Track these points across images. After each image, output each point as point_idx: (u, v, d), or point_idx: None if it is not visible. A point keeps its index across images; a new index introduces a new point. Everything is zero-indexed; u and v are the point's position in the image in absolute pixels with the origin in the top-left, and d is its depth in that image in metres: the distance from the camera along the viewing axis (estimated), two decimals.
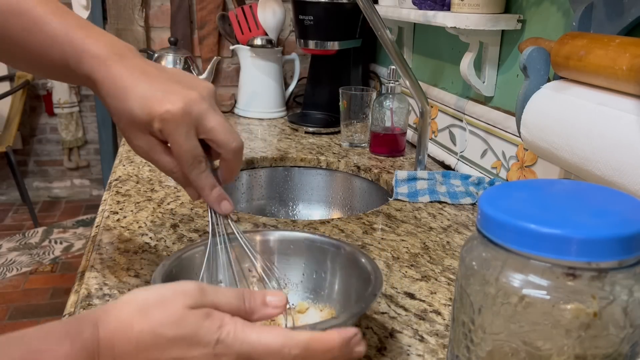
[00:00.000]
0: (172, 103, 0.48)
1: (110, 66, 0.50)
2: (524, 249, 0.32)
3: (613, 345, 0.32)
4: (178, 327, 0.35)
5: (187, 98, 0.48)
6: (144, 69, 0.51)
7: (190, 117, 0.48)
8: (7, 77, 3.28)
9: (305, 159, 1.12)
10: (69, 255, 2.75)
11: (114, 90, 0.50)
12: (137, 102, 0.49)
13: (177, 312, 0.35)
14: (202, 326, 0.35)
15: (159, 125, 0.48)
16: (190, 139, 0.49)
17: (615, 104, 0.55)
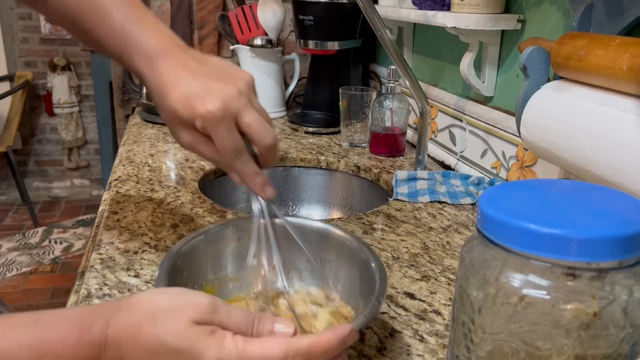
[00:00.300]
0: (212, 102, 0.50)
1: (155, 63, 0.53)
2: (524, 249, 0.32)
3: (613, 345, 0.32)
4: (180, 339, 0.36)
5: (226, 95, 0.51)
6: (186, 64, 0.53)
7: (230, 115, 0.51)
8: (7, 77, 3.29)
9: (305, 159, 1.12)
10: (69, 255, 2.75)
11: (158, 87, 0.53)
12: (179, 101, 0.51)
13: (183, 324, 0.36)
14: (204, 342, 0.36)
15: (201, 123, 0.51)
16: (232, 134, 0.51)
17: (615, 104, 0.55)
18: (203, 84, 0.51)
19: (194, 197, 0.87)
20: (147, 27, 0.55)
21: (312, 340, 0.37)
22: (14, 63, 3.32)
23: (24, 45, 3.32)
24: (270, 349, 0.36)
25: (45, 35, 3.29)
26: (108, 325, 0.37)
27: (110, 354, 0.36)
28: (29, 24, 3.29)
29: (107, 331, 0.36)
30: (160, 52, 0.53)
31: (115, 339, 0.36)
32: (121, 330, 0.37)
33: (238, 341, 0.36)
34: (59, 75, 3.29)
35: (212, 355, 0.36)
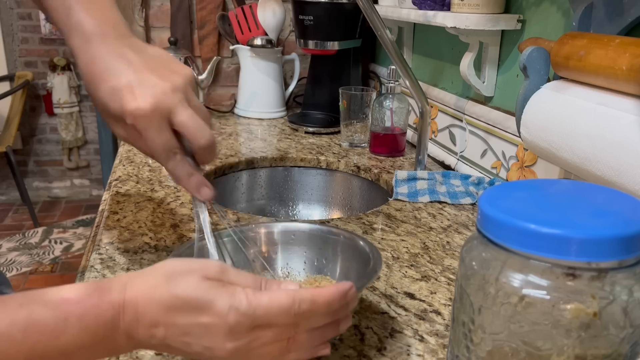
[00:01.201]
0: (142, 98, 0.47)
1: (89, 47, 0.50)
2: (524, 249, 0.32)
3: (613, 345, 0.32)
4: (193, 290, 0.38)
5: (159, 91, 0.48)
6: (122, 53, 0.50)
7: (160, 113, 0.48)
8: (7, 77, 3.29)
9: (305, 159, 1.12)
10: (69, 255, 2.75)
11: (89, 73, 0.50)
12: (109, 93, 0.48)
13: (195, 279, 0.39)
14: (216, 292, 0.38)
15: (130, 120, 0.48)
16: (162, 133, 0.49)
17: (615, 104, 0.55)
18: (135, 77, 0.48)
19: None
20: (91, 6, 0.51)
21: (315, 291, 0.39)
22: (14, 63, 3.33)
23: (24, 45, 3.32)
24: (278, 298, 0.38)
25: (45, 35, 3.29)
26: (125, 289, 0.39)
27: (128, 316, 0.38)
28: (29, 24, 3.29)
29: (124, 294, 0.38)
30: (96, 35, 0.50)
31: (132, 301, 0.38)
32: (137, 292, 0.38)
33: (248, 291, 0.38)
34: (59, 75, 3.29)
35: (224, 303, 0.38)
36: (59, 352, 0.37)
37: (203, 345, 0.38)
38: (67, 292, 0.38)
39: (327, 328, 0.41)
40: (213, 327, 0.38)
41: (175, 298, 0.38)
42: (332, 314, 0.41)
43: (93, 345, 0.38)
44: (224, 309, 0.38)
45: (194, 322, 0.38)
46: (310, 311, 0.39)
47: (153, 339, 0.39)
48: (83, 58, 0.50)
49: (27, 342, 0.36)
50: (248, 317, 0.38)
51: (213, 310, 0.38)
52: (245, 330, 0.38)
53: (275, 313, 0.38)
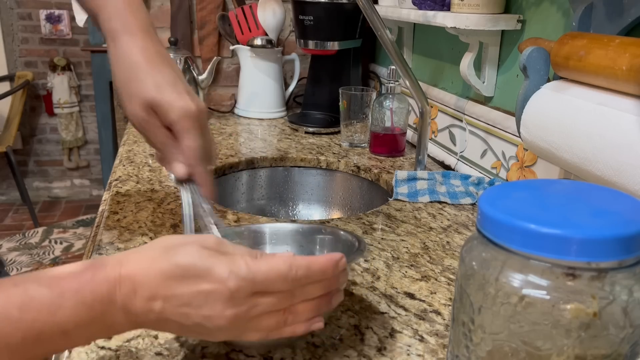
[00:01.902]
0: (191, 102, 0.55)
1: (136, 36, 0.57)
2: (524, 249, 0.32)
3: (613, 345, 0.32)
4: (193, 258, 0.39)
5: (202, 105, 0.56)
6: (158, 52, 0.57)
7: (199, 120, 0.56)
8: (7, 77, 3.29)
9: (305, 159, 1.12)
10: (69, 255, 2.75)
11: (134, 60, 0.56)
12: (158, 86, 0.55)
13: (194, 249, 0.39)
14: (215, 259, 0.39)
15: (175, 116, 0.55)
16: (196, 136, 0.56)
17: (615, 104, 0.55)
18: (182, 83, 0.56)
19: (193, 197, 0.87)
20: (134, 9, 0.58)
21: (310, 258, 0.41)
22: (14, 63, 3.32)
23: (24, 45, 3.32)
24: (276, 264, 0.39)
25: (45, 35, 3.29)
26: (121, 264, 0.39)
27: (124, 289, 0.38)
28: (29, 24, 3.29)
29: (120, 269, 0.39)
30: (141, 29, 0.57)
31: (128, 274, 0.38)
32: (134, 266, 0.39)
33: (247, 258, 0.39)
34: (59, 75, 3.29)
35: (224, 269, 0.38)
36: (57, 329, 0.37)
37: (202, 314, 0.38)
38: (61, 270, 0.39)
39: (321, 301, 0.42)
40: (213, 293, 0.38)
41: (175, 266, 0.38)
42: (326, 284, 0.42)
43: (90, 321, 0.38)
44: (224, 275, 0.38)
45: (194, 290, 0.38)
46: (306, 277, 0.40)
47: (151, 314, 0.39)
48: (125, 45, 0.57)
49: (23, 319, 0.36)
50: (248, 281, 0.38)
51: (213, 277, 0.38)
52: (245, 296, 0.38)
53: (274, 278, 0.39)
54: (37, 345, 0.36)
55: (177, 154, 0.57)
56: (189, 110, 0.55)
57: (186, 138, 0.56)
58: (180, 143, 0.56)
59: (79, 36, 3.33)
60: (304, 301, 0.41)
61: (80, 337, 0.38)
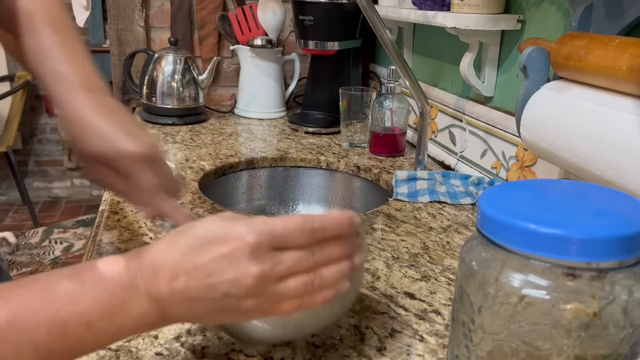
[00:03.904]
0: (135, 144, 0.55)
1: (74, 95, 0.56)
2: (524, 249, 0.32)
3: (613, 345, 0.32)
4: (211, 225, 0.39)
5: (148, 142, 0.56)
6: (107, 106, 0.56)
7: (149, 159, 0.56)
8: (7, 77, 3.28)
9: (305, 159, 1.12)
10: (69, 255, 2.75)
11: (76, 120, 0.55)
12: (98, 138, 0.54)
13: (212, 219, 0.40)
14: (232, 222, 0.39)
15: (124, 161, 0.55)
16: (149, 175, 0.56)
17: (615, 104, 0.55)
18: (126, 127, 0.55)
19: (194, 197, 0.87)
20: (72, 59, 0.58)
21: (324, 214, 0.42)
22: (15, 63, 3.32)
23: None
24: (291, 218, 0.40)
25: None
26: (139, 254, 0.39)
27: (145, 273, 0.38)
28: None
29: (139, 258, 0.39)
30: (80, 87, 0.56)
31: (148, 260, 0.39)
32: (152, 251, 0.39)
33: (262, 218, 0.40)
34: None
35: (241, 228, 0.38)
36: (80, 320, 0.36)
37: (227, 279, 0.38)
38: (81, 264, 0.39)
39: (343, 261, 0.42)
40: (234, 251, 0.38)
41: (193, 238, 0.39)
42: (343, 243, 0.42)
43: (114, 310, 0.37)
44: (242, 232, 0.38)
45: (214, 255, 0.38)
46: (322, 229, 0.40)
47: (175, 295, 0.38)
48: (67, 105, 0.56)
49: (47, 311, 0.35)
50: (266, 234, 0.38)
51: (232, 236, 0.38)
52: (267, 250, 0.38)
53: (291, 230, 0.39)
54: (62, 340, 0.36)
55: (141, 196, 0.58)
56: (134, 153, 0.55)
57: (141, 179, 0.56)
58: (137, 187, 0.57)
59: None
60: (327, 264, 0.41)
61: (106, 330, 0.37)
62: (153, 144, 0.57)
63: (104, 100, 0.57)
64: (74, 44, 0.59)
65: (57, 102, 0.57)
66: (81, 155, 0.57)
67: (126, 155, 0.54)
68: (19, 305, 0.35)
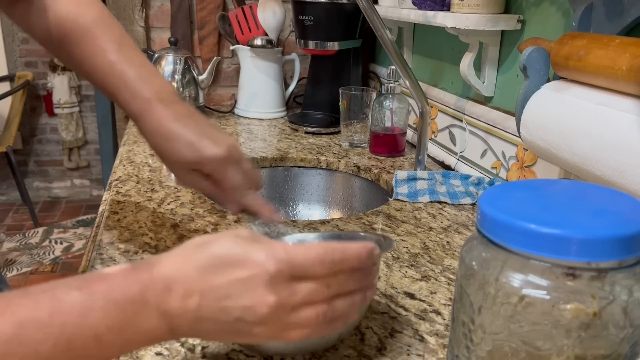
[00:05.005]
0: (219, 147, 0.58)
1: (154, 110, 0.59)
2: (524, 249, 0.32)
3: (613, 345, 0.32)
4: (230, 247, 0.39)
5: (228, 143, 0.60)
6: (189, 115, 0.60)
7: (233, 158, 0.59)
8: (7, 77, 3.29)
9: (305, 159, 1.12)
10: (69, 255, 2.75)
11: (160, 133, 0.59)
12: (185, 147, 0.58)
13: (230, 239, 0.39)
14: (252, 246, 0.39)
15: (208, 164, 0.58)
16: (234, 174, 0.60)
17: (615, 104, 0.55)
18: (207, 134, 0.59)
19: (194, 197, 0.87)
20: (145, 73, 0.61)
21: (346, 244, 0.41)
22: (15, 63, 3.32)
23: (24, 46, 3.32)
24: (312, 247, 0.39)
25: None
26: (152, 266, 0.39)
27: (157, 288, 0.37)
28: None
29: (152, 271, 0.38)
30: (161, 100, 0.59)
31: (161, 274, 0.38)
32: (166, 264, 0.39)
33: (283, 244, 0.39)
34: (59, 76, 3.29)
35: (261, 253, 0.38)
36: (88, 333, 0.35)
37: (242, 304, 0.37)
38: (90, 274, 0.38)
39: (356, 294, 0.42)
40: (253, 278, 0.37)
41: (210, 257, 0.38)
42: (360, 276, 0.42)
43: (123, 324, 0.36)
44: (262, 258, 0.37)
45: (231, 278, 0.37)
46: (342, 260, 0.40)
47: (187, 313, 0.37)
48: (147, 121, 0.59)
49: (54, 323, 0.34)
50: (287, 263, 0.37)
51: (251, 261, 0.37)
52: (285, 280, 0.37)
53: (312, 260, 0.38)
54: (69, 353, 0.35)
55: (227, 195, 0.62)
56: (217, 156, 0.58)
57: (225, 181, 0.60)
58: (223, 187, 0.61)
59: None
60: (341, 296, 0.41)
61: (114, 344, 0.36)
62: (233, 144, 0.60)
63: (180, 109, 0.60)
64: (139, 58, 0.62)
65: (135, 118, 0.60)
66: (170, 164, 0.60)
67: (211, 159, 0.58)
68: (26, 317, 0.34)
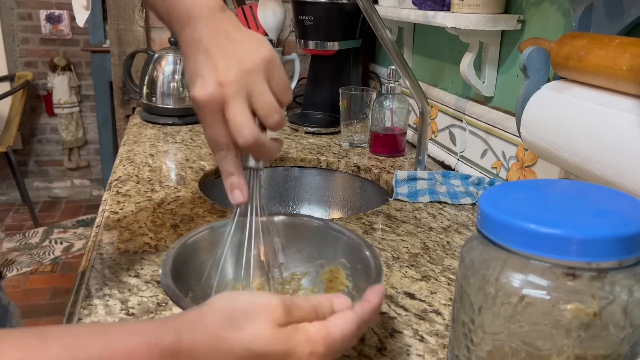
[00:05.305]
0: (201, 88, 0.47)
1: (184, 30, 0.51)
2: (524, 249, 0.32)
3: (613, 345, 0.32)
4: (271, 343, 0.36)
5: (215, 81, 0.47)
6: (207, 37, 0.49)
7: (212, 105, 0.47)
8: (7, 77, 3.29)
9: (305, 159, 1.12)
10: (69, 255, 2.75)
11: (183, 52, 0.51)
12: (187, 77, 0.50)
13: (269, 328, 0.37)
14: (294, 341, 0.37)
15: (193, 105, 0.49)
16: (213, 125, 0.48)
17: (615, 104, 0.55)
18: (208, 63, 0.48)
19: (194, 197, 0.87)
20: None
21: (366, 305, 0.41)
22: (14, 63, 3.33)
23: (24, 46, 3.32)
24: (346, 327, 0.39)
25: (45, 36, 3.30)
26: (181, 338, 0.36)
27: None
28: (29, 24, 3.29)
29: (180, 343, 0.35)
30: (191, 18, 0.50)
31: (189, 350, 0.35)
32: (198, 342, 0.36)
33: (320, 330, 0.38)
34: (59, 76, 3.29)
35: (304, 351, 0.37)
36: None
37: None
38: (113, 340, 0.35)
39: None
40: None
41: (250, 350, 0.36)
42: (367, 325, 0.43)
43: None
44: (304, 356, 0.37)
45: None
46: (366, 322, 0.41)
47: None
48: (180, 40, 0.52)
49: None
50: (326, 356, 0.38)
51: (294, 356, 0.37)
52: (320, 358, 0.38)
53: (347, 342, 0.39)
54: None
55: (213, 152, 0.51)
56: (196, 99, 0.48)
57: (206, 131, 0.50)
58: None
59: (79, 36, 3.33)
60: None
61: None
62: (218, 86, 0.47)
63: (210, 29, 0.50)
64: None
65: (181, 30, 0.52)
66: None
67: (192, 99, 0.48)
68: None
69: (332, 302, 0.41)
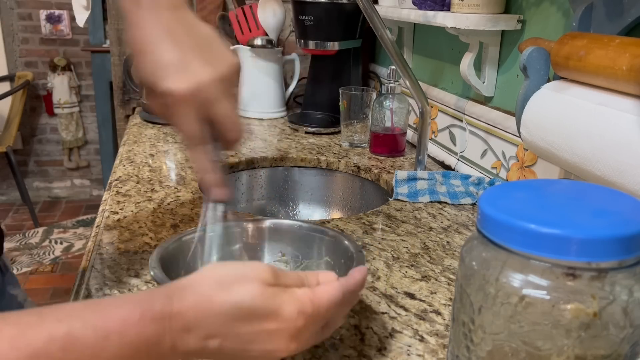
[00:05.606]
0: (182, 82, 0.45)
1: (139, 12, 0.47)
2: (524, 249, 0.32)
3: (613, 345, 0.32)
4: (259, 299, 0.38)
5: (197, 78, 0.45)
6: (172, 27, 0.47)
7: (197, 100, 0.46)
8: (7, 77, 3.29)
9: (305, 159, 1.12)
10: (69, 255, 2.75)
11: (135, 41, 0.47)
12: (151, 67, 0.46)
13: (257, 287, 0.39)
14: (281, 298, 0.39)
15: (166, 99, 0.46)
16: (191, 121, 0.47)
17: (615, 104, 0.55)
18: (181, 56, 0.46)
19: (194, 197, 0.87)
20: None
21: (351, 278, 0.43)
22: (14, 63, 3.33)
23: (24, 46, 3.32)
24: (332, 293, 0.41)
25: (45, 36, 3.30)
26: (172, 302, 0.37)
27: (175, 326, 0.37)
28: (29, 24, 3.29)
29: (171, 307, 0.37)
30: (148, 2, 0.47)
31: (181, 312, 0.37)
32: (188, 305, 0.37)
33: (307, 292, 0.40)
34: (59, 76, 3.29)
35: (291, 308, 0.39)
36: None
37: (264, 349, 0.39)
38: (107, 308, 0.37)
39: None
40: (280, 331, 0.39)
41: (239, 308, 0.38)
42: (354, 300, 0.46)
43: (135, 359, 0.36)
44: (292, 315, 0.39)
45: (259, 329, 0.38)
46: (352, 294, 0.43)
47: (205, 350, 0.38)
48: (131, 23, 0.47)
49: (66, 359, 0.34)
50: (314, 317, 0.40)
51: (282, 317, 0.39)
52: (308, 329, 0.40)
53: (333, 308, 0.41)
54: None
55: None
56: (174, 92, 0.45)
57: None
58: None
59: (79, 36, 3.33)
60: None
61: None
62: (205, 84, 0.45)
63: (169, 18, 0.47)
64: None
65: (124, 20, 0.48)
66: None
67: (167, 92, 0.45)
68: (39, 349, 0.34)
69: (317, 275, 0.44)
